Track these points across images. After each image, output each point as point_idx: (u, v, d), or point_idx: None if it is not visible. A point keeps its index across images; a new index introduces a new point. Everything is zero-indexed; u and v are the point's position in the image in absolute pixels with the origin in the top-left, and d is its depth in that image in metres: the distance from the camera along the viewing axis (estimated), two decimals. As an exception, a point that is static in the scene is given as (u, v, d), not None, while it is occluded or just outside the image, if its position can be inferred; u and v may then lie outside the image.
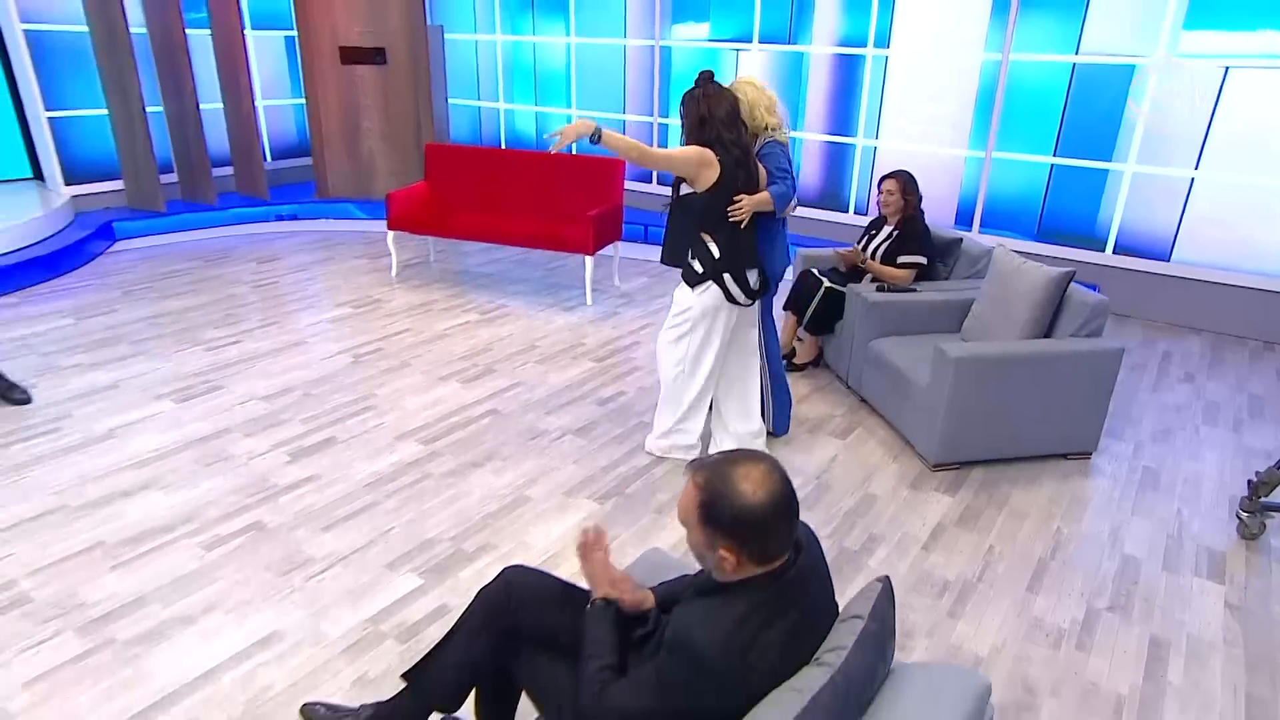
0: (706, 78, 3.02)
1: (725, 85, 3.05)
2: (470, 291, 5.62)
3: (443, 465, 3.40)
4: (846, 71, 6.21)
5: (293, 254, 6.46)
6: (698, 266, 3.10)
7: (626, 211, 5.95)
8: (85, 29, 6.33)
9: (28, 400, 3.83)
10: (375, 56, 7.11)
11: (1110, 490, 3.38)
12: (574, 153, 6.35)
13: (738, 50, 6.60)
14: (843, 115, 6.32)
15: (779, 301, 3.83)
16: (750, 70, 6.54)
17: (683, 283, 3.16)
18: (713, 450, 3.17)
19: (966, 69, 5.67)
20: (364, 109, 7.27)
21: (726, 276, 3.06)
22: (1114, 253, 5.46)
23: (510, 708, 1.82)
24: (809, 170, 6.56)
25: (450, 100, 8.21)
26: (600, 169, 5.66)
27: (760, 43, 6.46)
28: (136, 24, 6.43)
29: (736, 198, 3.01)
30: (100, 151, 6.82)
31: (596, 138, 2.83)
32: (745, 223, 3.06)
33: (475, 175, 5.92)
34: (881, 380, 3.81)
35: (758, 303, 3.29)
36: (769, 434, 3.60)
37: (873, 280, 4.16)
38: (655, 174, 7.25)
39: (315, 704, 2.03)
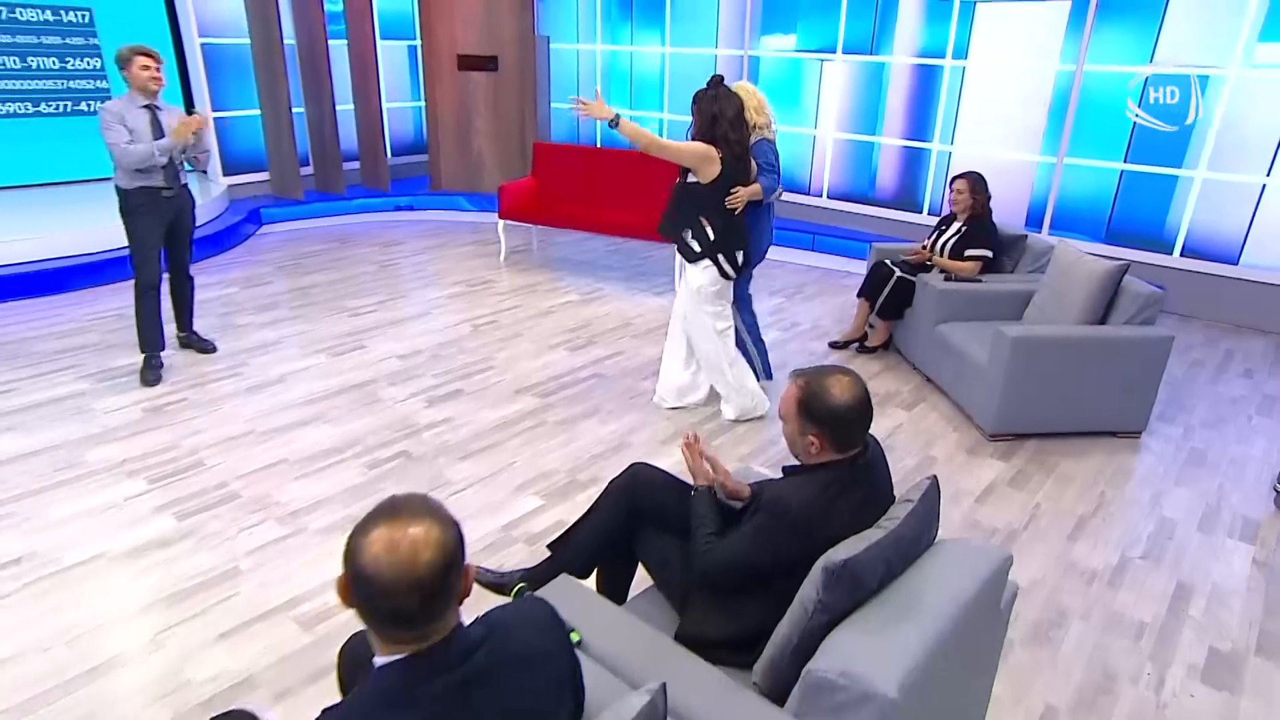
0: (718, 81, 3.48)
1: (732, 89, 3.49)
2: (569, 276, 6.14)
3: (556, 415, 3.90)
4: (925, 80, 6.48)
5: (411, 239, 7.13)
6: (696, 246, 3.55)
7: (713, 207, 6.36)
8: (247, 41, 7.14)
9: (214, 350, 4.52)
10: (488, 64, 7.74)
11: (1156, 465, 3.63)
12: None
13: (822, 60, 6.93)
14: (920, 121, 6.59)
15: (850, 289, 4.19)
16: (834, 78, 6.87)
17: (688, 264, 3.63)
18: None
19: (1041, 78, 5.88)
20: (475, 111, 7.90)
21: (720, 256, 3.54)
22: (1181, 255, 5.58)
23: (628, 578, 2.27)
24: (886, 173, 6.85)
25: (552, 104, 8.79)
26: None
27: (844, 53, 6.78)
28: (288, 37, 7.21)
29: (733, 189, 3.46)
30: (251, 147, 7.64)
31: (614, 124, 3.36)
32: (739, 210, 3.52)
33: (577, 171, 6.44)
34: (945, 360, 4.13)
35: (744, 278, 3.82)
36: (764, 379, 4.10)
37: (941, 272, 4.47)
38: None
39: (478, 567, 2.52)
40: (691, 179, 3.50)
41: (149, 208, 3.97)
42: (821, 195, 7.19)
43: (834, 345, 4.84)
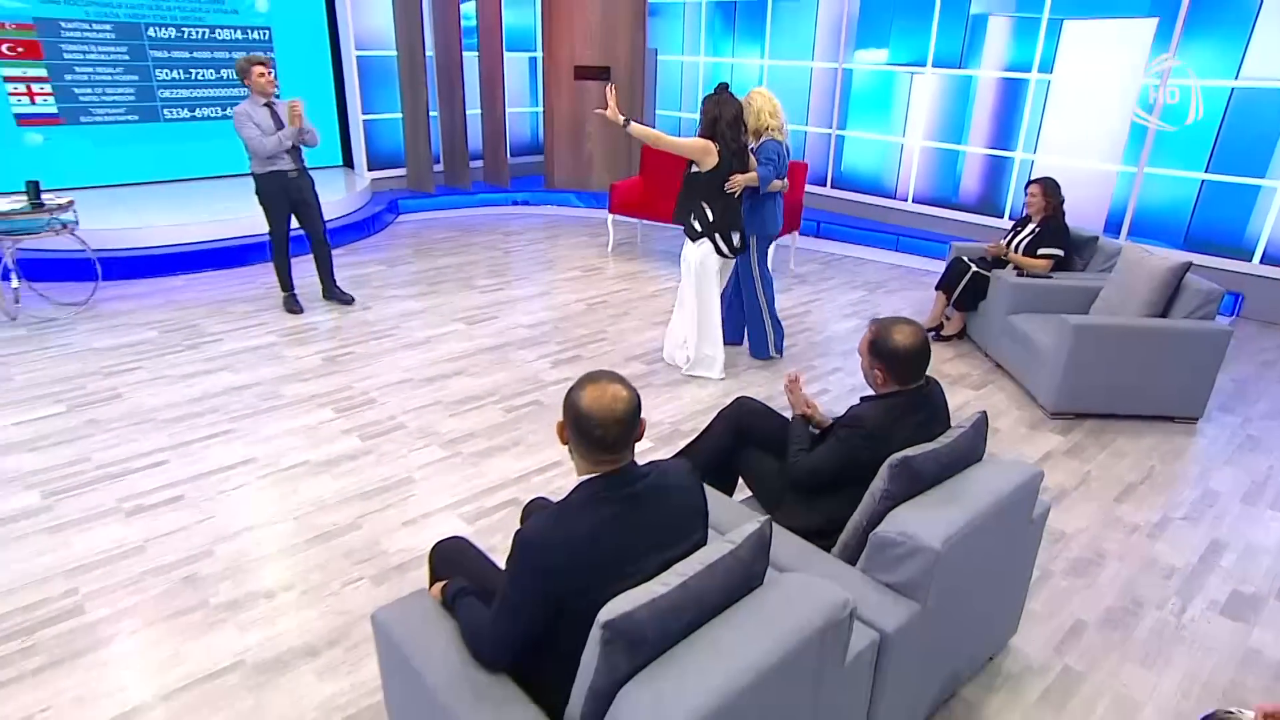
0: (723, 88, 4.00)
1: (736, 96, 4.03)
2: (671, 265, 6.66)
3: (661, 379, 4.42)
4: (1011, 93, 6.70)
5: (528, 231, 7.80)
6: (697, 226, 4.11)
7: (806, 210, 6.76)
8: (394, 53, 7.98)
9: (351, 301, 5.43)
10: (602, 74, 8.35)
11: (1209, 446, 3.86)
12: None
13: (912, 73, 7.23)
14: (1004, 131, 6.81)
15: (927, 281, 4.54)
16: (923, 90, 7.16)
17: (687, 240, 4.18)
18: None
19: (1125, 91, 6.03)
20: (588, 117, 8.52)
21: (716, 236, 4.09)
22: (1261, 263, 5.65)
23: (730, 491, 2.76)
24: (969, 179, 7.09)
25: (658, 111, 9.34)
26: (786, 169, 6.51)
27: (934, 67, 7.06)
28: (429, 49, 8.00)
29: (731, 176, 3.99)
30: (391, 146, 8.50)
31: (626, 124, 3.99)
32: (737, 195, 4.06)
33: (680, 172, 6.93)
34: (1014, 347, 4.44)
35: (749, 256, 4.37)
36: (776, 355, 4.69)
37: (1014, 268, 4.77)
38: (830, 177, 8.00)
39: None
40: (694, 169, 4.07)
41: (277, 188, 4.95)
42: (907, 200, 7.48)
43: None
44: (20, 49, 6.65)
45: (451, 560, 1.99)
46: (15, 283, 5.09)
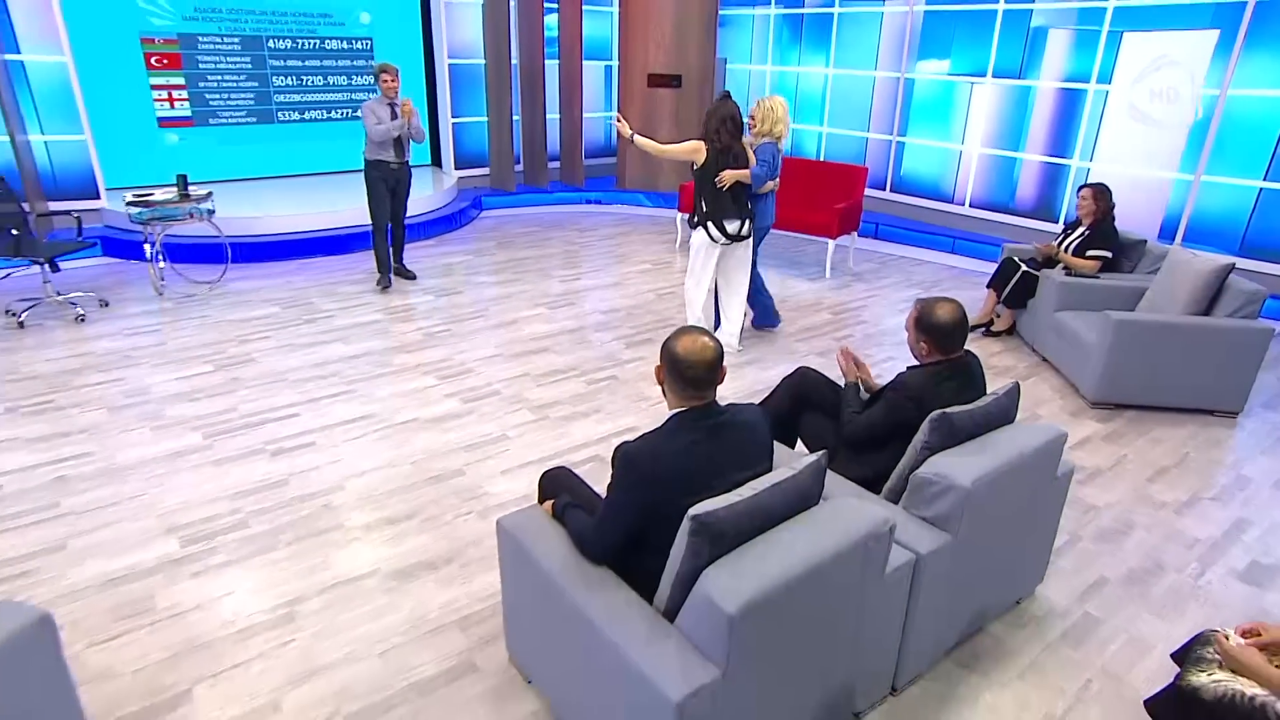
0: (725, 95, 4.51)
1: (731, 101, 4.46)
2: (733, 262, 6.99)
3: (727, 361, 4.74)
4: (1068, 102, 6.80)
5: (601, 228, 8.23)
6: (695, 216, 4.59)
7: (865, 213, 7.00)
8: (482, 62, 8.51)
9: (414, 278, 6.01)
10: (673, 81, 8.72)
11: (1247, 439, 4.00)
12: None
13: (972, 83, 7.37)
14: (1061, 140, 6.91)
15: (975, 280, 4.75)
16: (983, 99, 7.30)
17: (691, 229, 4.63)
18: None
19: (1185, 101, 6.09)
20: (659, 121, 8.90)
21: (710, 224, 4.50)
22: (1318, 271, 5.66)
23: (790, 446, 3.08)
24: (1026, 186, 7.20)
25: (723, 117, 9.66)
26: (846, 173, 6.79)
27: (994, 77, 7.20)
28: (514, 57, 8.51)
29: (721, 172, 4.40)
30: (476, 147, 9.04)
31: (632, 139, 4.56)
32: (726, 188, 4.43)
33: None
34: (1060, 342, 4.63)
35: (748, 245, 4.69)
36: (768, 327, 5.25)
37: (1063, 269, 4.94)
38: (889, 182, 8.19)
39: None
40: (695, 167, 4.52)
41: (380, 175, 5.63)
42: (964, 204, 7.62)
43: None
44: (165, 61, 7.39)
45: (558, 483, 2.38)
46: (161, 263, 5.74)
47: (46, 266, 5.09)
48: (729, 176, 4.43)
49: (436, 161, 9.26)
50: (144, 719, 2.19)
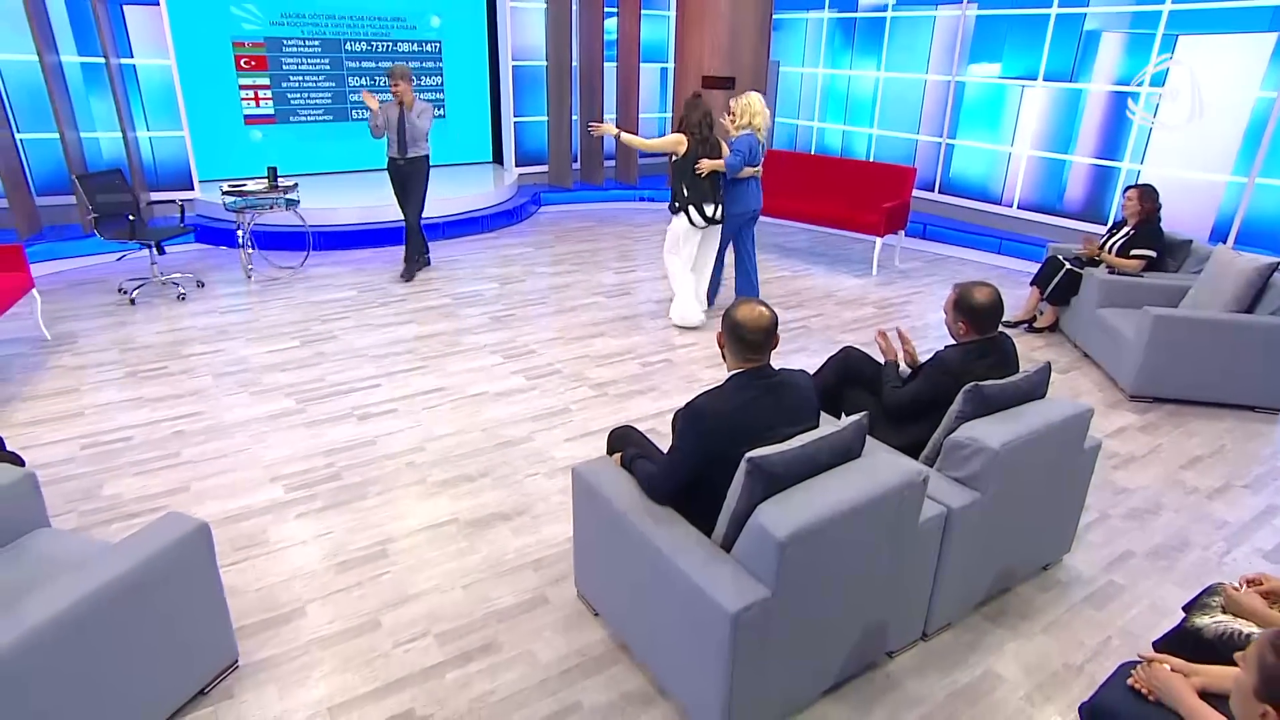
0: (694, 96, 5.05)
1: (703, 100, 5.05)
2: (783, 257, 7.21)
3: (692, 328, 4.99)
4: (1120, 105, 6.84)
5: (652, 224, 8.50)
6: (675, 203, 5.05)
7: (912, 214, 7.14)
8: (543, 64, 8.88)
9: (409, 279, 6.18)
10: (727, 83, 8.96)
11: (1285, 434, 4.09)
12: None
13: (1023, 86, 7.45)
14: (1112, 142, 6.95)
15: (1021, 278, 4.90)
16: (1033, 102, 7.37)
17: (672, 215, 5.10)
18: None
19: (1239, 105, 6.10)
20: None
21: (690, 209, 4.98)
22: (1372, 275, 5.62)
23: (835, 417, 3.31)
24: (1075, 187, 7.25)
25: (777, 119, 9.87)
26: (895, 174, 6.95)
27: (1045, 80, 7.27)
28: (574, 59, 8.85)
29: (699, 161, 4.89)
30: (536, 145, 9.41)
31: (617, 136, 5.11)
32: (704, 175, 4.91)
33: (796, 173, 7.48)
34: (1101, 337, 4.75)
35: (719, 229, 5.18)
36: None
37: (1107, 268, 5.05)
38: (938, 183, 8.30)
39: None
40: (674, 158, 5.00)
41: (389, 171, 6.02)
42: (1012, 206, 7.70)
43: (1006, 324, 5.53)
44: (252, 63, 7.93)
45: (625, 438, 2.67)
46: (250, 249, 6.21)
47: (154, 249, 5.58)
48: (707, 165, 4.91)
49: (498, 159, 9.67)
50: (268, 626, 2.54)
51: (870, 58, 8.79)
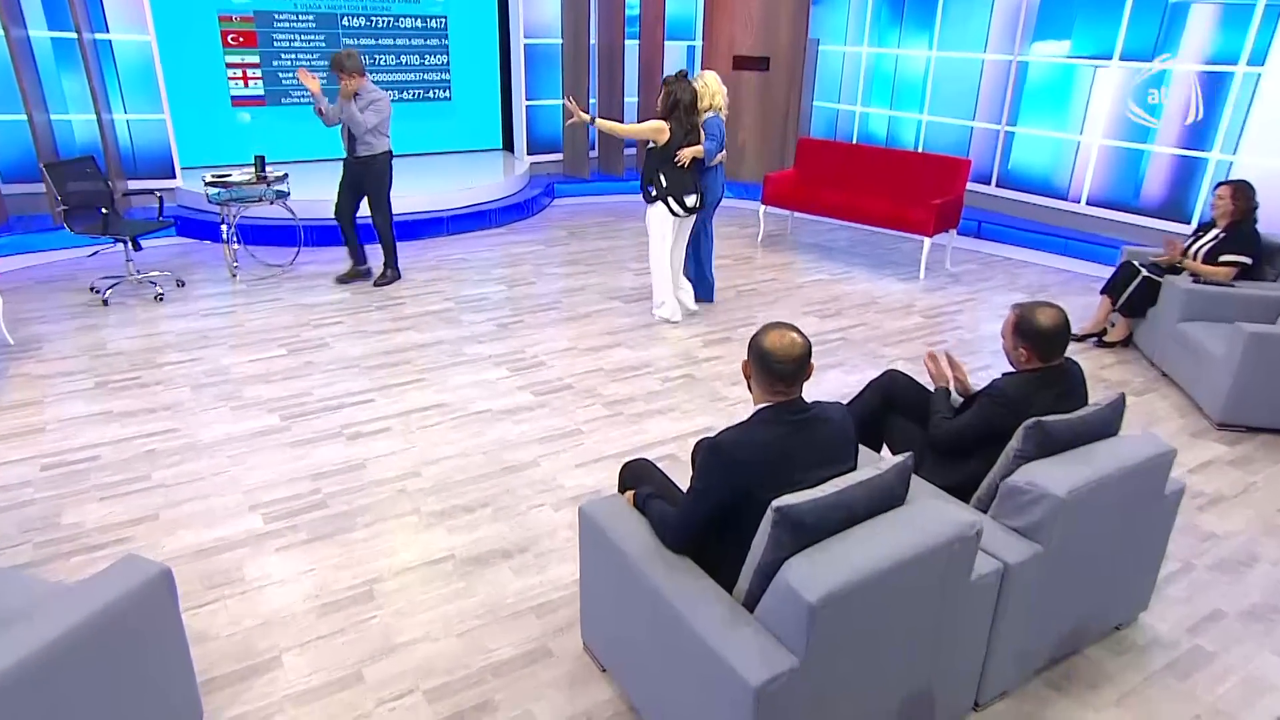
0: (683, 74, 5.12)
1: (690, 80, 5.12)
2: (821, 259, 7.12)
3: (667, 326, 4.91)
4: (1211, 88, 6.65)
5: (677, 219, 8.45)
6: (653, 191, 5.13)
7: (966, 209, 7.01)
8: (559, 42, 8.86)
9: (399, 277, 6.18)
10: (761, 64, 8.88)
11: (1397, 471, 3.92)
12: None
13: (1096, 66, 7.28)
14: (1199, 129, 6.77)
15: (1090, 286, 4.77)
16: (1107, 85, 7.21)
17: (649, 205, 5.19)
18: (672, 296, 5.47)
19: (1346, 91, 5.90)
20: (744, 107, 9.07)
21: (670, 198, 5.08)
22: None
23: (876, 451, 3.23)
24: (1153, 182, 7.07)
25: (815, 103, 9.77)
26: (947, 166, 6.83)
27: (1121, 60, 7.09)
28: (593, 37, 8.82)
29: (680, 150, 5.01)
30: (550, 132, 9.40)
31: (592, 123, 5.20)
32: (685, 165, 5.05)
33: (837, 165, 7.38)
34: (1183, 355, 4.61)
35: (694, 218, 5.33)
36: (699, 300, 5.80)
37: (1190, 275, 4.89)
38: (995, 175, 8.15)
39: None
40: (651, 145, 5.09)
41: (343, 166, 5.95)
42: (1080, 201, 7.53)
43: (1073, 338, 5.38)
44: (240, 39, 8.00)
45: (639, 474, 2.61)
46: (236, 245, 6.25)
47: (129, 245, 5.63)
48: (687, 154, 5.03)
49: (508, 146, 9.67)
50: (240, 679, 2.52)
51: (921, 35, 8.65)
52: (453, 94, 9.38)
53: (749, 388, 2.25)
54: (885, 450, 3.15)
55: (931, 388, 3.01)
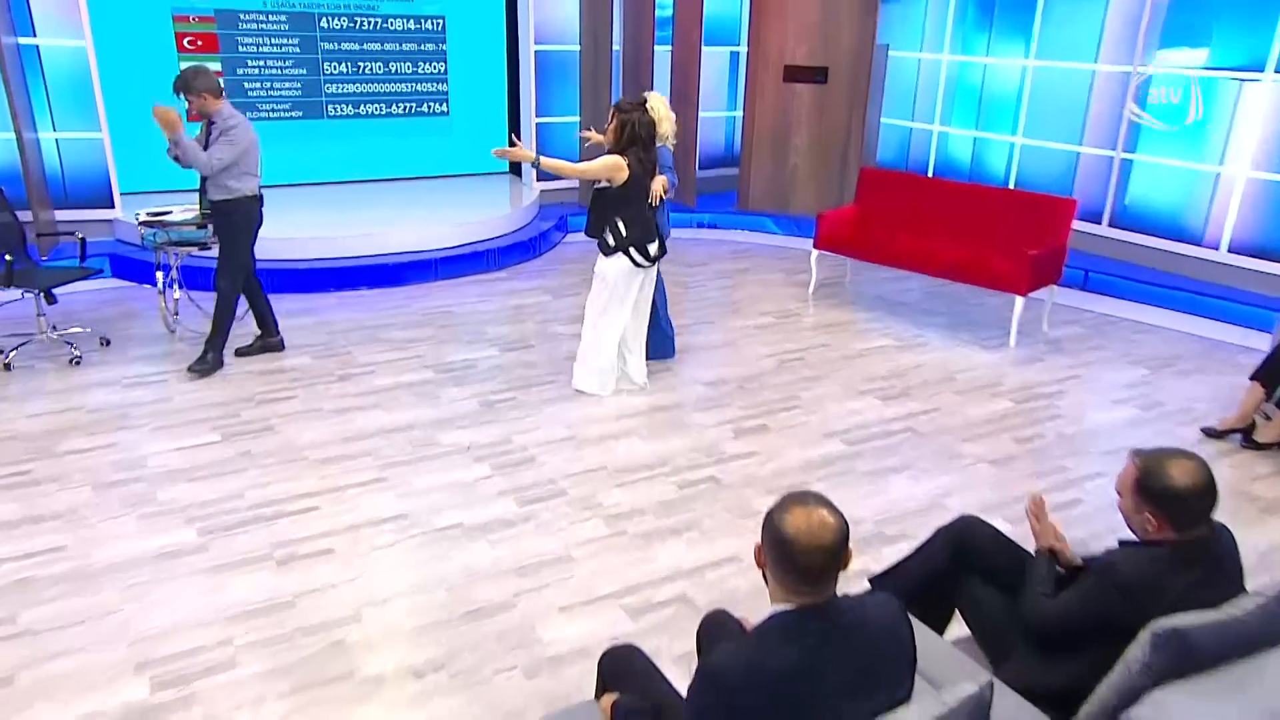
0: (641, 104, 4.93)
1: (649, 101, 4.98)
2: (886, 317, 6.77)
3: (864, 465, 4.56)
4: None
5: (714, 260, 8.19)
6: (611, 241, 4.91)
7: (1070, 255, 6.63)
8: (576, 48, 8.73)
9: (281, 347, 5.83)
10: (817, 76, 8.64)
11: None
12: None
13: (1242, 80, 6.88)
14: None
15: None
16: (1256, 103, 6.81)
17: (604, 257, 4.99)
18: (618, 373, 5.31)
19: None
20: (795, 126, 8.84)
21: (631, 249, 4.90)
22: None
23: (942, 624, 2.86)
24: None
25: (883, 119, 9.49)
26: (1047, 206, 6.47)
27: (1277, 72, 6.68)
28: (616, 43, 8.68)
29: (651, 188, 4.91)
30: (564, 150, 9.22)
31: (536, 164, 4.95)
32: (655, 203, 4.96)
33: (908, 202, 7.05)
34: (1357, 470, 4.16)
35: (656, 267, 5.16)
36: (663, 357, 5.72)
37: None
38: (1108, 213, 7.76)
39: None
40: (602, 185, 4.90)
41: None
42: (1218, 248, 7.10)
43: (1209, 433, 4.95)
44: (199, 43, 7.98)
45: (622, 673, 2.28)
46: (177, 293, 6.09)
47: (41, 298, 5.48)
48: (658, 190, 4.99)
49: (515, 169, 9.53)
50: None
51: (1015, 41, 8.35)
52: (451, 108, 9.29)
53: (764, 578, 1.92)
54: (954, 626, 2.78)
55: (1033, 550, 2.64)
